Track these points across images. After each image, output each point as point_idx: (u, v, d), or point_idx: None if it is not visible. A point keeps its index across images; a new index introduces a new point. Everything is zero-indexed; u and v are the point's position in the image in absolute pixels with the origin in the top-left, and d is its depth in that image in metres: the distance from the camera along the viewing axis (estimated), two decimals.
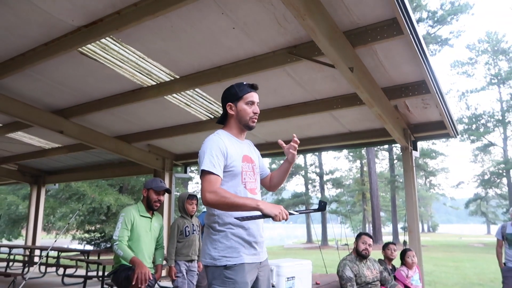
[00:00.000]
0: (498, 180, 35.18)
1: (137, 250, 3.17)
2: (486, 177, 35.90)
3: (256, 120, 2.15)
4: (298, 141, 2.19)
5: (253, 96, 2.12)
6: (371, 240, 3.67)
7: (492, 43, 36.67)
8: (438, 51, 29.18)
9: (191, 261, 4.13)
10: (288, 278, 2.75)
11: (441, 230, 64.22)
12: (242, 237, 1.96)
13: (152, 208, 3.36)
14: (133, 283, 2.83)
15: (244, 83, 2.15)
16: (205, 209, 4.76)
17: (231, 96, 2.12)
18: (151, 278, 2.95)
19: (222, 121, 2.21)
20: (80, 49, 4.27)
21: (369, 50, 3.90)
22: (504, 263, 4.84)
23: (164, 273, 7.04)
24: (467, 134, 33.86)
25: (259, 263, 2.04)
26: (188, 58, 4.43)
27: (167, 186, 8.07)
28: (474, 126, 33.97)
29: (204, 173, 1.92)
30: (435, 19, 27.53)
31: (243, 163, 2.06)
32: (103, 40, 4.19)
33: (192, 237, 4.13)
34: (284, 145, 2.24)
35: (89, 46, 4.29)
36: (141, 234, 3.23)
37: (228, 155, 1.99)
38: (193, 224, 4.19)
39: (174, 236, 4.04)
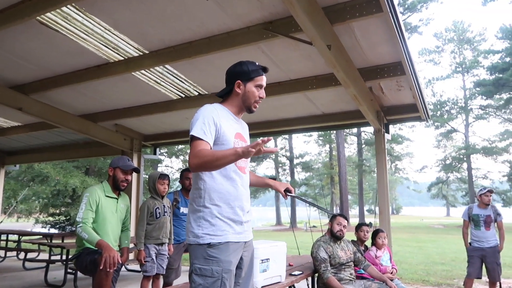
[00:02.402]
0: (459, 165, 36.74)
1: (102, 232, 2.98)
2: (448, 161, 37.42)
3: (258, 105, 2.05)
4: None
5: (263, 80, 2.03)
6: (345, 221, 3.65)
7: (458, 32, 37.75)
8: (407, 38, 29.66)
9: (162, 244, 3.95)
10: (262, 260, 2.67)
11: (404, 212, 66.85)
12: (228, 216, 1.87)
13: (118, 188, 3.17)
14: (101, 267, 2.65)
15: (257, 63, 2.04)
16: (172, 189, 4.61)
17: (243, 74, 2.00)
18: (120, 262, 2.78)
19: (223, 96, 2.09)
20: (39, 18, 3.94)
21: (347, 28, 3.81)
22: (470, 243, 4.99)
23: (132, 256, 6.86)
24: (431, 120, 34.97)
25: (244, 243, 1.96)
26: (158, 31, 4.19)
27: None
28: (438, 112, 35.10)
29: (193, 139, 1.81)
30: (406, 6, 27.91)
31: (236, 140, 1.97)
32: (65, 9, 3.88)
33: (163, 219, 3.95)
34: (282, 191, 2.28)
35: (49, 15, 3.97)
36: (106, 215, 3.04)
37: (221, 128, 1.89)
38: (164, 206, 4.00)
39: (143, 218, 3.84)
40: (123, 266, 5.54)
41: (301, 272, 3.42)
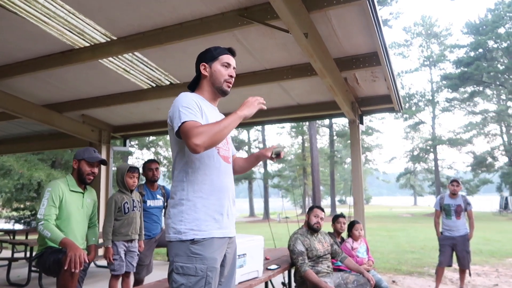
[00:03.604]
0: (426, 156, 37.96)
1: (67, 230, 2.76)
2: (415, 152, 38.59)
3: (231, 85, 1.96)
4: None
5: (230, 59, 1.96)
6: (323, 213, 3.61)
7: (426, 26, 38.72)
8: (384, 32, 30.12)
9: (131, 241, 3.74)
10: (239, 255, 2.56)
11: (373, 202, 68.58)
12: (213, 208, 1.75)
13: (84, 181, 2.95)
14: (66, 268, 2.44)
15: (221, 46, 1.98)
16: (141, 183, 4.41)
17: (207, 56, 1.94)
18: (87, 261, 2.58)
19: (193, 86, 1.99)
20: None
21: (323, 17, 3.72)
22: (441, 232, 5.08)
23: (101, 252, 6.61)
24: (400, 112, 35.84)
25: (229, 238, 1.84)
26: (127, 16, 3.96)
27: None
28: (407, 105, 36.01)
29: (184, 124, 1.67)
30: None
31: None
32: None
33: (132, 214, 3.73)
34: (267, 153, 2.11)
35: None
36: (71, 211, 2.82)
37: (203, 112, 1.79)
38: (133, 200, 3.78)
39: (111, 214, 3.62)
40: (92, 263, 5.32)
41: (278, 266, 3.35)
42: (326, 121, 34.41)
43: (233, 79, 1.95)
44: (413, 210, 39.36)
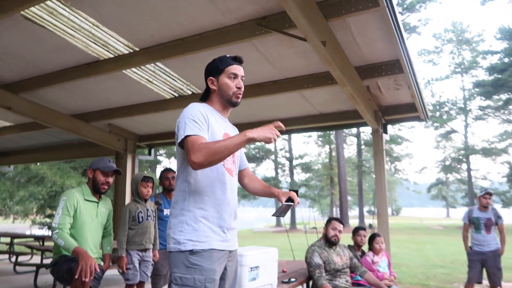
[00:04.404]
0: (459, 166, 36.62)
1: (80, 239, 2.80)
2: (447, 162, 37.33)
3: (240, 96, 1.94)
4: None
5: (236, 68, 1.93)
6: (341, 226, 3.50)
7: (457, 32, 37.64)
8: (406, 37, 29.56)
9: (145, 250, 3.75)
10: (251, 268, 2.52)
11: (403, 213, 66.73)
12: (213, 221, 1.74)
13: (99, 191, 2.99)
14: (76, 277, 2.47)
15: (227, 55, 1.96)
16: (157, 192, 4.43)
17: (213, 69, 1.94)
18: (98, 270, 2.60)
19: (204, 99, 2.00)
20: (23, 13, 3.79)
21: (342, 24, 3.66)
22: (470, 247, 4.84)
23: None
24: (431, 121, 34.87)
25: (229, 252, 1.82)
26: (148, 27, 4.04)
27: (130, 169, 7.70)
28: (438, 113, 34.97)
29: (187, 138, 1.68)
30: (404, 6, 27.80)
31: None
32: (50, 4, 3.74)
33: (146, 223, 3.74)
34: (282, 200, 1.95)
35: (34, 10, 3.82)
36: (85, 220, 2.86)
37: (210, 125, 1.78)
38: (147, 209, 3.80)
39: (125, 223, 3.64)
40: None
41: (294, 279, 3.27)
42: (354, 130, 33.88)
43: (242, 89, 1.94)
44: (445, 222, 37.98)
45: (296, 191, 1.96)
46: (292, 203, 1.88)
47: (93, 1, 3.61)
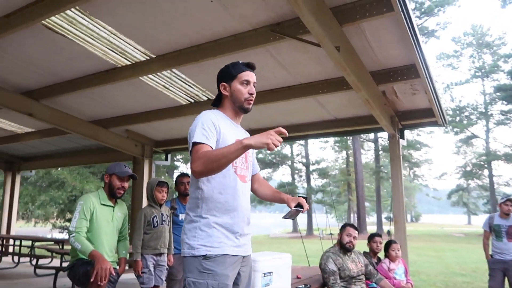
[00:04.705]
0: (480, 172, 35.74)
1: (97, 242, 2.85)
2: (468, 168, 36.46)
3: (252, 102, 1.96)
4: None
5: (249, 75, 1.94)
6: (356, 232, 3.46)
7: (477, 36, 36.89)
8: (424, 43, 29.20)
9: (160, 254, 3.79)
10: (264, 273, 2.51)
11: (423, 220, 65.42)
12: (226, 227, 1.76)
13: (115, 196, 3.03)
14: (92, 280, 2.52)
15: (240, 62, 1.98)
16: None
17: (225, 75, 1.96)
18: (113, 274, 2.65)
19: (216, 104, 2.02)
20: (44, 22, 3.91)
21: (357, 29, 3.65)
22: (491, 255, 4.71)
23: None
24: (451, 126, 34.20)
25: (242, 257, 1.83)
26: (164, 35, 4.12)
27: (147, 174, 7.80)
28: (458, 118, 34.28)
29: (194, 146, 1.71)
30: (422, 10, 27.47)
31: None
32: (69, 13, 3.85)
33: (161, 228, 3.79)
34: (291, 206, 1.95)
35: (54, 19, 3.94)
36: (101, 224, 2.92)
37: (221, 133, 1.80)
38: (162, 214, 3.84)
39: (140, 227, 3.69)
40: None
41: (308, 286, 3.24)
42: (371, 135, 33.51)
43: (254, 95, 1.95)
44: (466, 230, 37.08)
45: (306, 198, 1.96)
46: (301, 209, 1.89)
47: (112, 10, 3.70)
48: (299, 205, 1.90)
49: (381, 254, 4.05)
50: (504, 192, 34.15)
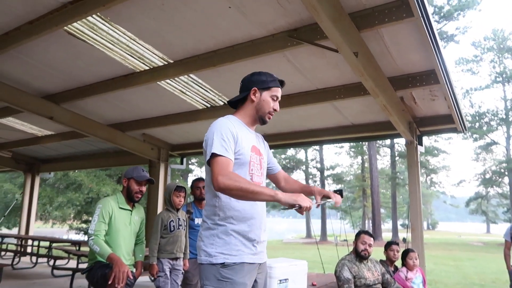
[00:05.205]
0: (500, 179, 34.93)
1: (114, 245, 2.89)
2: (487, 176, 35.68)
3: (271, 117, 1.99)
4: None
5: (279, 92, 1.99)
6: (371, 239, 3.41)
7: (498, 40, 36.18)
8: (443, 47, 28.75)
9: (176, 259, 3.81)
10: (280, 280, 2.51)
11: (440, 228, 64.17)
12: (244, 234, 1.76)
13: (133, 199, 3.07)
14: (110, 282, 2.55)
15: (274, 75, 2.01)
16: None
17: (260, 82, 1.95)
18: (131, 277, 2.67)
19: (235, 105, 2.01)
20: (67, 28, 4.00)
21: (375, 34, 3.62)
22: None
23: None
24: (470, 132, 33.56)
25: (259, 264, 1.83)
26: (182, 40, 4.16)
27: (163, 177, 7.86)
28: (477, 124, 33.63)
29: (214, 157, 1.72)
30: (442, 14, 27.11)
31: (252, 153, 1.87)
32: (91, 19, 3.93)
33: (177, 232, 3.81)
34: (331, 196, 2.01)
35: (76, 25, 4.03)
36: (119, 228, 2.95)
37: (238, 141, 1.80)
38: (179, 219, 3.87)
39: (157, 231, 3.72)
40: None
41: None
42: (387, 141, 33.09)
43: (275, 112, 1.99)
44: (485, 239, 36.21)
45: (341, 191, 1.96)
46: (327, 200, 1.90)
47: (131, 16, 3.76)
48: (324, 198, 1.92)
49: (397, 263, 3.97)
50: None
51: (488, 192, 37.09)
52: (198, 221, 4.24)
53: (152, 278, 3.68)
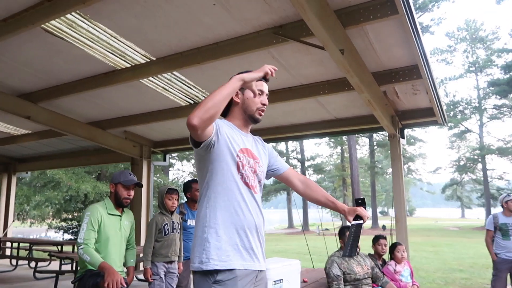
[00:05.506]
0: (474, 166, 36.05)
1: (105, 253, 2.83)
2: (462, 162, 36.77)
3: (263, 113, 1.91)
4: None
5: (263, 85, 1.90)
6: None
7: (470, 31, 37.07)
8: (425, 44, 29.25)
9: (171, 262, 3.77)
10: (275, 281, 2.51)
11: (417, 214, 65.97)
12: (234, 238, 1.67)
13: (121, 205, 3.01)
14: None
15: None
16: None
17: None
18: (124, 285, 2.62)
19: (224, 113, 1.92)
20: (44, 26, 3.85)
21: (360, 31, 3.64)
22: (496, 254, 4.67)
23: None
24: (444, 125, 34.32)
25: (258, 272, 1.73)
26: (165, 38, 4.07)
27: (146, 174, 7.75)
28: (452, 113, 34.50)
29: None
30: (417, 5, 27.53)
31: (241, 154, 1.78)
32: (69, 16, 3.79)
33: (172, 236, 3.77)
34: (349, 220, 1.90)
35: (54, 23, 3.88)
36: (109, 234, 2.89)
37: (229, 137, 1.75)
38: (173, 222, 3.82)
39: (151, 235, 3.67)
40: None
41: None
42: None
43: (265, 106, 1.90)
44: (460, 223, 37.46)
45: (363, 200, 1.84)
46: (362, 221, 1.74)
47: (112, 14, 3.65)
48: (357, 217, 1.77)
49: (385, 256, 4.05)
50: (498, 185, 34.48)
51: (462, 179, 38.28)
52: (190, 222, 4.20)
53: (148, 282, 3.63)
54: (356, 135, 32.02)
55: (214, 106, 1.55)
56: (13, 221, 10.68)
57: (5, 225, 10.43)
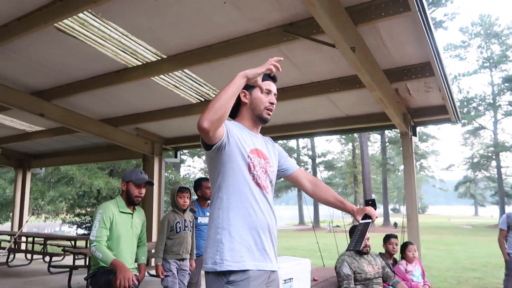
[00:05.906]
0: (487, 163, 35.49)
1: (117, 250, 2.87)
2: (475, 160, 36.23)
3: (272, 112, 1.89)
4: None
5: (271, 85, 1.88)
6: (368, 234, 3.43)
7: (485, 26, 36.36)
8: (437, 41, 28.81)
9: (182, 259, 3.79)
10: (285, 280, 2.52)
11: (430, 211, 65.31)
12: (247, 239, 1.67)
13: (133, 203, 3.04)
14: None
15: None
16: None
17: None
18: (135, 282, 2.66)
19: (233, 114, 1.90)
20: (56, 25, 3.91)
21: (371, 29, 3.60)
22: (508, 254, 4.61)
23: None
24: (458, 123, 33.82)
25: (270, 272, 1.73)
26: (175, 36, 4.09)
27: (157, 171, 7.81)
28: (465, 109, 33.97)
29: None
30: (430, 0, 27.10)
31: (252, 154, 1.77)
32: (81, 15, 3.84)
33: (183, 234, 3.78)
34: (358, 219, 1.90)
35: (66, 21, 3.93)
36: (121, 232, 2.92)
37: (239, 138, 1.74)
38: (185, 220, 3.83)
39: (163, 232, 3.70)
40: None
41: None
42: None
43: (274, 106, 1.89)
44: (474, 221, 36.97)
45: (373, 201, 1.84)
46: (370, 220, 1.75)
47: (123, 12, 3.68)
48: (366, 216, 1.77)
49: (396, 256, 4.03)
50: None
51: (476, 176, 37.71)
52: (201, 220, 4.22)
53: (161, 278, 3.67)
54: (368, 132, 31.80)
55: (221, 107, 1.56)
56: (29, 217, 10.87)
57: (21, 219, 10.64)
